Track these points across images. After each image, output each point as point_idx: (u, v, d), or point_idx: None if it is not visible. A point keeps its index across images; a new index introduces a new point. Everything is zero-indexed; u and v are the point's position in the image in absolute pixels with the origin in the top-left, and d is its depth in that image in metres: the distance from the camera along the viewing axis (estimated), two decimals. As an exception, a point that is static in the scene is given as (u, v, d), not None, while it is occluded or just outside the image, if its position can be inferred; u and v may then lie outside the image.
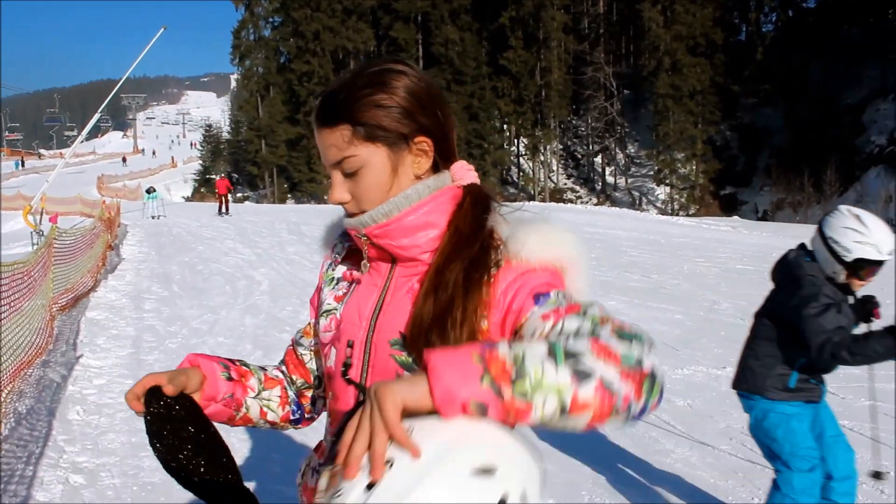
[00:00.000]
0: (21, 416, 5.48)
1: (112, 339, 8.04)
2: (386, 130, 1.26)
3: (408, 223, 1.28)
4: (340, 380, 1.35)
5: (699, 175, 52.70)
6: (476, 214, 1.30)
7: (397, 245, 1.30)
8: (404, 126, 1.27)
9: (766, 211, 45.67)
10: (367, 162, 1.27)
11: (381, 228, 1.29)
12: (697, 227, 24.45)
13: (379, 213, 1.28)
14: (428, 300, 1.24)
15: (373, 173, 1.27)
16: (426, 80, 1.33)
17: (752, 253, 15.60)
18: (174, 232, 20.45)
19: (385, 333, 1.29)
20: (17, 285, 6.67)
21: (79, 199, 33.30)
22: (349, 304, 1.38)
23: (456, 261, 1.25)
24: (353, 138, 1.26)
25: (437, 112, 1.32)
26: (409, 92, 1.28)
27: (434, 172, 1.33)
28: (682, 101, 51.71)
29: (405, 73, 1.29)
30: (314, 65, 61.10)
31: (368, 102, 1.26)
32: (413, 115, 1.28)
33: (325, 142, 1.30)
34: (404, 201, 1.28)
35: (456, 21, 59.10)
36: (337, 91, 1.29)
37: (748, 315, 9.56)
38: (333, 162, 1.29)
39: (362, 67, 1.31)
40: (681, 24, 52.25)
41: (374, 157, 1.27)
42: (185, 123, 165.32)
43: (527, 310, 1.19)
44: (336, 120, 1.27)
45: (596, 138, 59.73)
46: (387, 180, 1.28)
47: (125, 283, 11.84)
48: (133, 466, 4.62)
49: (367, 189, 1.28)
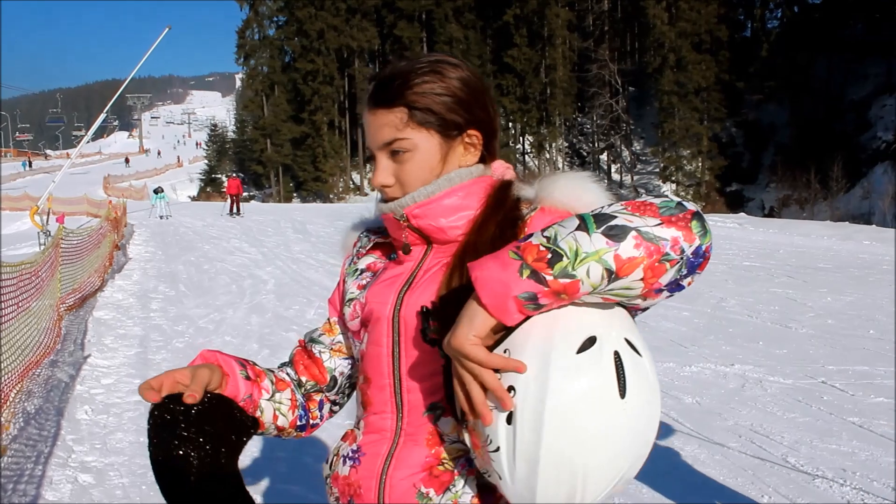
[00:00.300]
0: (30, 415, 5.50)
1: (119, 339, 8.06)
2: (441, 118, 1.28)
3: (447, 204, 1.29)
4: (373, 360, 1.34)
5: (705, 172, 52.54)
6: (504, 191, 1.32)
7: (436, 225, 1.30)
8: (459, 116, 1.29)
9: (772, 207, 45.49)
10: (418, 146, 1.28)
11: (421, 208, 1.29)
12: (703, 224, 24.38)
13: (420, 194, 1.29)
14: (458, 269, 1.24)
15: (422, 158, 1.28)
16: (479, 76, 1.36)
17: (759, 250, 15.54)
18: (180, 231, 20.49)
19: (414, 307, 1.28)
20: (25, 285, 6.69)
21: (85, 199, 33.37)
22: (374, 287, 1.37)
23: (486, 228, 1.26)
24: (408, 121, 1.27)
25: (488, 108, 1.34)
26: (465, 84, 1.30)
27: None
28: (688, 98, 51.54)
29: (461, 66, 1.32)
30: (318, 64, 61.09)
31: (428, 89, 1.27)
32: (468, 106, 1.30)
33: (377, 122, 1.30)
34: (446, 183, 1.30)
35: (460, 19, 59.07)
36: (396, 75, 1.30)
37: (755, 312, 9.62)
38: (384, 142, 1.30)
39: (420, 57, 1.32)
40: (685, 21, 52.06)
41: (425, 143, 1.28)
42: (190, 123, 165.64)
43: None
44: (393, 101, 1.28)
45: (601, 136, 59.60)
46: (435, 166, 1.29)
47: (132, 282, 11.86)
48: (141, 466, 4.62)
49: (413, 173, 1.29)
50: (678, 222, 1.00)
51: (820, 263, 13.58)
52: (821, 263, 13.58)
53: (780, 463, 4.50)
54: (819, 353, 7.08)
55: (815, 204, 41.60)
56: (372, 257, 1.45)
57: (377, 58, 66.59)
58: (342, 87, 64.09)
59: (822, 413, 5.38)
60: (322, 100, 61.42)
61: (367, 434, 1.37)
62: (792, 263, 13.49)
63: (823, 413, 5.38)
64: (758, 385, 6.07)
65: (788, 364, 6.70)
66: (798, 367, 6.61)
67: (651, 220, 1.00)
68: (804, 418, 5.28)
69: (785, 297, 10.11)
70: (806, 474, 4.33)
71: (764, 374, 6.39)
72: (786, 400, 5.70)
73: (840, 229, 21.27)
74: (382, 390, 1.33)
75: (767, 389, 5.95)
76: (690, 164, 53.13)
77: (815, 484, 4.21)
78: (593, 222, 1.00)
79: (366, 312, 1.36)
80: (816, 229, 21.67)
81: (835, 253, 15.23)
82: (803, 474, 4.33)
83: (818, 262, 13.70)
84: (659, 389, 1.09)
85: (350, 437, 1.43)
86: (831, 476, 4.29)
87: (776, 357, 6.97)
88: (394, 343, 1.30)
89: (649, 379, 1.06)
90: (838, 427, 5.09)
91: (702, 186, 52.21)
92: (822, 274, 12.23)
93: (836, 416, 5.29)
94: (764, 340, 7.62)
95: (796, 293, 10.33)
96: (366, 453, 1.35)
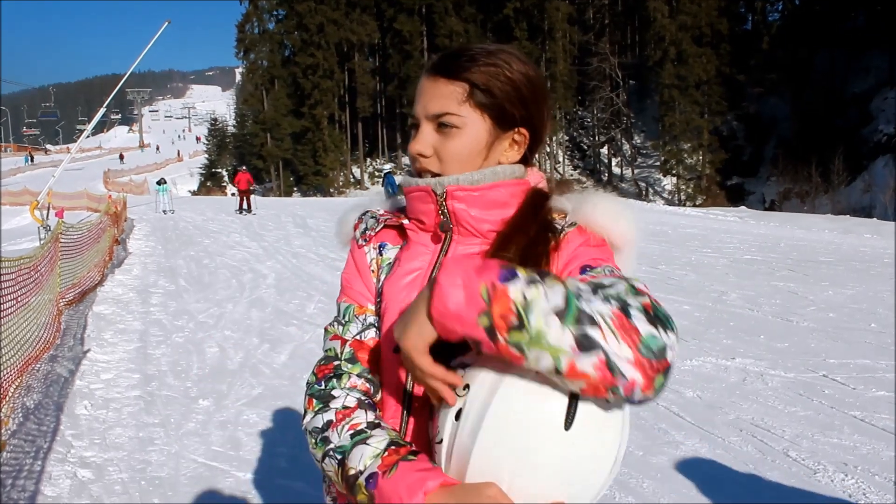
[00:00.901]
0: (29, 410, 5.48)
1: (119, 334, 8.04)
2: (500, 106, 1.26)
3: (491, 196, 1.27)
4: (389, 354, 1.27)
5: (706, 165, 52.51)
6: (538, 201, 1.30)
7: (471, 215, 1.27)
8: (517, 110, 1.28)
9: (773, 201, 45.43)
10: (468, 126, 1.26)
11: (465, 192, 1.26)
12: (704, 217, 24.36)
13: (466, 178, 1.26)
14: None
15: (469, 139, 1.26)
16: (544, 79, 1.35)
17: (760, 243, 15.51)
18: (180, 226, 20.46)
19: None
20: (24, 280, 6.67)
21: (85, 193, 33.34)
22: (393, 281, 1.32)
23: (520, 233, 1.24)
24: (467, 99, 1.25)
25: (544, 112, 1.33)
26: (530, 82, 1.29)
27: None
28: (688, 92, 51.49)
29: (530, 64, 1.31)
30: (319, 58, 61.00)
31: (495, 73, 1.25)
32: (527, 104, 1.29)
33: (434, 91, 1.27)
34: (492, 175, 1.27)
35: (460, 12, 58.95)
36: (466, 51, 1.28)
37: (757, 305, 9.59)
38: (435, 113, 1.27)
39: (491, 44, 1.31)
40: (686, 14, 51.98)
41: (477, 125, 1.26)
42: (190, 118, 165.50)
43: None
44: (458, 74, 1.26)
45: (602, 129, 59.55)
46: (479, 151, 1.27)
47: (132, 277, 11.84)
48: (141, 461, 4.62)
49: (456, 152, 1.26)
50: (648, 369, 0.94)
51: (821, 257, 13.55)
52: (822, 257, 13.55)
53: (782, 457, 4.48)
54: (820, 347, 7.06)
55: (817, 197, 41.54)
56: (392, 247, 1.37)
57: (377, 52, 66.50)
58: (342, 81, 64.00)
59: (824, 407, 5.36)
60: (322, 94, 61.34)
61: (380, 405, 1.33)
62: (793, 257, 13.46)
63: (825, 407, 5.36)
64: (759, 379, 6.05)
65: (790, 358, 6.68)
66: (799, 360, 6.59)
67: (625, 352, 0.93)
68: (805, 412, 5.26)
69: (786, 290, 10.08)
70: (807, 468, 4.31)
71: (765, 367, 6.37)
72: (787, 394, 5.68)
73: (841, 223, 21.25)
74: (393, 395, 1.28)
75: (769, 383, 5.93)
76: (691, 157, 53.09)
77: (816, 478, 4.19)
78: (574, 316, 0.93)
79: (383, 308, 1.32)
80: (818, 223, 21.66)
81: (836, 246, 15.20)
82: (805, 468, 4.32)
83: (819, 256, 13.67)
84: (624, 436, 1.07)
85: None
86: (833, 470, 4.27)
87: (777, 351, 6.95)
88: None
89: (612, 424, 1.04)
90: (840, 421, 5.07)
91: (702, 180, 52.20)
92: (823, 267, 12.21)
93: (837, 410, 5.27)
94: (765, 334, 7.60)
95: (798, 286, 10.31)
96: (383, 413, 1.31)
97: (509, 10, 57.11)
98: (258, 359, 6.98)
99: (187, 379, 6.40)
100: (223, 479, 4.36)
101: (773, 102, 51.87)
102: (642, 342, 0.93)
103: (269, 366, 6.74)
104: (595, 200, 1.28)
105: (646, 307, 0.96)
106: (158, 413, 5.52)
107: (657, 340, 0.94)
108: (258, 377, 6.39)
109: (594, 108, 58.89)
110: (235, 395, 5.93)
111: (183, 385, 6.22)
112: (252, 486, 4.26)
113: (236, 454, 4.72)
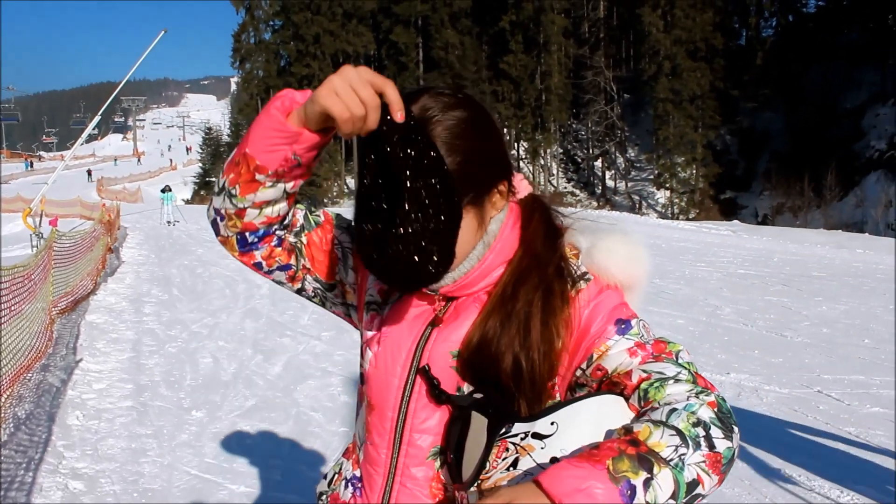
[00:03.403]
0: (20, 420, 5.44)
1: (112, 343, 7.99)
2: (471, 184, 1.15)
3: (484, 268, 1.21)
4: (382, 387, 1.25)
5: (699, 179, 52.67)
6: (546, 231, 1.24)
7: (468, 293, 1.23)
8: (485, 168, 1.19)
9: (765, 215, 45.62)
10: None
11: (457, 284, 1.21)
12: (698, 231, 24.44)
13: (460, 273, 1.20)
14: (502, 321, 1.17)
15: (462, 239, 1.14)
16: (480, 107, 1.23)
17: (754, 257, 15.56)
18: (174, 235, 20.42)
19: (441, 344, 1.21)
20: (18, 289, 6.63)
21: (78, 201, 33.26)
22: (398, 309, 1.27)
23: (530, 286, 1.19)
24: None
25: (501, 140, 1.25)
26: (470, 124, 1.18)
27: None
28: (682, 106, 51.71)
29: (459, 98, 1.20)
30: (314, 68, 61.06)
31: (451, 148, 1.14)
32: (488, 156, 1.19)
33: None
34: (482, 249, 1.21)
35: (456, 25, 59.11)
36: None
37: (751, 320, 9.60)
38: None
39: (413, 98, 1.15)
40: (681, 29, 52.25)
41: (463, 225, 1.13)
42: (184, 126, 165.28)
43: (607, 336, 1.16)
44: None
45: (596, 142, 59.70)
46: (474, 235, 1.19)
47: (125, 286, 11.79)
48: (133, 472, 4.58)
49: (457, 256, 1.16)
50: (720, 474, 1.03)
51: (814, 272, 13.60)
52: (815, 272, 13.60)
53: (777, 473, 4.47)
54: (815, 362, 7.07)
55: (809, 212, 41.75)
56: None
57: (373, 63, 66.61)
58: (337, 91, 64.00)
59: (819, 423, 5.36)
60: (318, 104, 61.34)
61: (365, 464, 1.31)
62: (786, 271, 13.50)
63: (820, 423, 5.36)
64: (754, 394, 6.05)
65: (784, 373, 6.68)
66: (794, 376, 6.60)
67: (715, 480, 1.01)
68: (800, 428, 5.26)
69: (780, 305, 10.11)
70: (802, 486, 4.31)
71: (760, 382, 6.37)
72: (782, 409, 5.68)
73: (834, 237, 21.36)
74: (384, 421, 1.25)
75: (763, 399, 5.93)
76: (685, 171, 53.27)
77: (811, 495, 4.19)
78: (684, 491, 0.99)
79: (383, 333, 1.27)
80: (810, 237, 21.75)
81: (829, 261, 15.26)
82: (800, 484, 4.31)
83: (812, 271, 13.72)
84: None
85: (352, 456, 1.37)
86: (828, 487, 4.26)
87: (772, 366, 6.95)
88: (408, 380, 1.23)
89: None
90: (834, 437, 5.07)
91: (696, 193, 52.35)
92: (816, 282, 12.25)
93: (832, 426, 5.27)
94: (759, 349, 7.61)
95: (791, 301, 10.34)
96: (365, 486, 1.30)
97: (505, 22, 57.31)
98: (252, 370, 6.95)
99: (180, 389, 6.36)
100: (216, 491, 4.32)
101: (766, 117, 52.11)
102: (724, 462, 1.02)
103: (263, 377, 6.71)
104: (610, 246, 1.23)
105: (715, 411, 1.05)
106: (151, 424, 5.48)
107: (731, 451, 1.03)
108: (252, 388, 6.36)
109: (588, 121, 59.05)
110: (229, 406, 5.89)
111: (176, 396, 6.18)
112: (245, 499, 4.23)
113: (230, 466, 4.69)
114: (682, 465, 0.99)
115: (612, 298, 1.20)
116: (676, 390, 1.08)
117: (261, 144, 1.12)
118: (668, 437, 1.00)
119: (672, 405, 1.05)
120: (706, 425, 1.03)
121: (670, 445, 1.00)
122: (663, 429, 1.01)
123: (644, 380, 1.10)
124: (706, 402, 1.06)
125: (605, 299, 1.19)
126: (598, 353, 1.15)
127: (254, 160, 1.13)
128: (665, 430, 1.01)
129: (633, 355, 1.13)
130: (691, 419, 1.03)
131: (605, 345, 1.15)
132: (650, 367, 1.11)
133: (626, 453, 0.97)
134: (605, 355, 1.14)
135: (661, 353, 1.14)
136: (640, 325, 1.18)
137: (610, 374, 1.14)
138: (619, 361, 1.13)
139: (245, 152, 1.14)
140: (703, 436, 1.02)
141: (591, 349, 1.16)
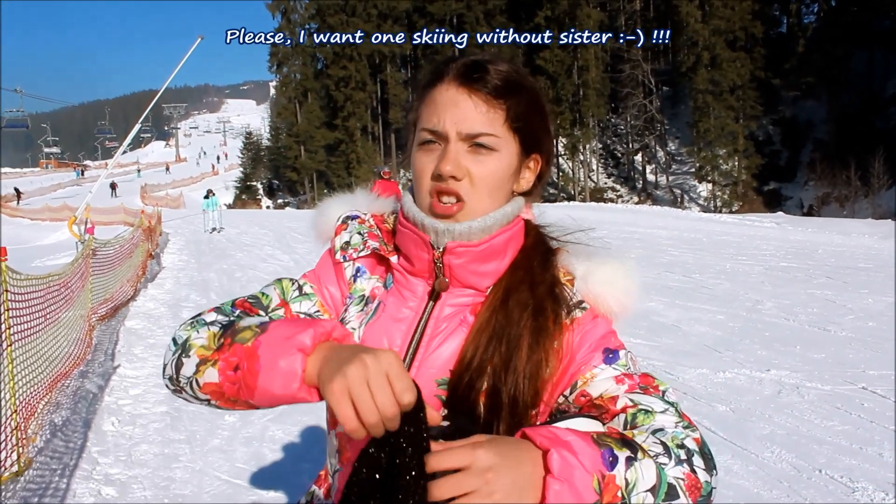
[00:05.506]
0: (56, 427, 5.51)
1: (149, 349, 8.08)
2: (531, 131, 1.20)
3: (491, 246, 1.18)
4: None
5: (741, 171, 51.85)
6: (543, 252, 1.22)
7: (468, 270, 1.18)
8: (543, 136, 1.23)
9: (811, 206, 44.72)
10: (502, 150, 1.16)
11: (465, 248, 1.16)
12: (740, 224, 23.98)
13: (477, 228, 1.16)
14: (487, 343, 1.13)
15: (504, 164, 1.17)
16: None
17: (797, 250, 15.20)
18: (214, 239, 20.68)
19: (426, 366, 1.16)
20: (54, 297, 6.73)
21: (122, 208, 33.87)
22: (373, 328, 1.21)
23: (523, 306, 1.15)
24: (506, 120, 1.16)
25: (551, 137, 1.27)
26: (545, 103, 1.25)
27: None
28: (722, 97, 50.93)
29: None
30: (351, 70, 61.51)
31: (531, 95, 1.20)
32: (548, 131, 1.24)
33: (470, 107, 1.15)
34: (502, 218, 1.18)
35: (491, 22, 59.01)
36: (494, 66, 1.18)
37: (793, 314, 9.36)
38: (472, 132, 1.14)
39: (502, 57, 1.23)
40: (719, 19, 51.46)
41: (510, 149, 1.18)
42: (225, 132, 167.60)
43: (593, 364, 1.13)
44: (504, 95, 1.16)
45: (635, 136, 59.13)
46: (509, 178, 1.19)
47: (164, 291, 11.94)
48: (165, 478, 4.61)
49: (490, 177, 1.15)
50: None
51: (860, 263, 13.24)
52: (861, 263, 13.24)
53: (818, 474, 4.33)
54: (859, 358, 6.86)
55: (856, 201, 40.78)
56: (369, 277, 1.27)
57: (409, 63, 66.79)
58: (374, 92, 64.41)
59: (863, 421, 5.19)
60: (355, 105, 61.79)
61: (338, 493, 1.26)
62: (831, 263, 13.16)
63: (864, 421, 5.19)
64: (795, 391, 5.88)
65: (827, 369, 6.49)
66: (837, 372, 6.41)
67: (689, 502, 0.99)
68: (843, 426, 5.10)
69: (823, 298, 9.84)
70: (845, 486, 4.16)
71: (801, 379, 6.19)
72: (824, 407, 5.51)
73: (881, 227, 20.77)
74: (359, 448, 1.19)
75: (805, 396, 5.76)
76: (726, 163, 52.44)
77: (854, 497, 4.04)
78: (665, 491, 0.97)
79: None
80: (857, 227, 21.20)
81: (876, 252, 14.84)
82: (843, 486, 4.17)
83: (858, 262, 13.35)
84: None
85: (324, 484, 1.33)
86: (872, 489, 4.11)
87: (814, 362, 6.76)
88: None
89: None
90: (880, 436, 4.90)
91: (738, 186, 51.55)
92: (862, 274, 11.91)
93: (877, 425, 5.10)
94: (801, 344, 7.41)
95: (835, 294, 10.06)
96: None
97: (540, 18, 57.05)
98: (285, 373, 6.95)
99: (214, 394, 6.38)
100: (246, 496, 4.33)
101: (809, 105, 51.10)
102: (702, 494, 1.01)
103: (296, 380, 6.71)
104: (609, 278, 1.19)
105: (699, 446, 1.04)
106: (184, 429, 5.52)
107: (710, 486, 1.02)
108: (285, 392, 6.35)
109: (627, 115, 58.50)
110: (261, 410, 5.90)
111: (210, 400, 6.20)
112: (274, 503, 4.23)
113: (260, 471, 4.69)
114: (664, 468, 0.98)
115: (601, 327, 1.18)
116: (665, 419, 1.06)
117: (265, 399, 1.02)
118: (651, 444, 0.99)
119: (659, 428, 1.04)
120: (689, 451, 1.02)
121: (653, 451, 0.98)
122: (648, 436, 1.00)
123: (630, 408, 1.07)
124: (692, 436, 1.05)
125: (595, 327, 1.17)
126: (582, 380, 1.12)
127: (251, 405, 1.05)
128: (650, 437, 1.00)
129: (620, 383, 1.11)
130: (676, 441, 1.02)
131: (591, 372, 1.12)
132: (637, 397, 1.08)
133: (611, 435, 0.97)
134: (589, 382, 1.12)
135: (649, 387, 1.11)
136: (628, 356, 1.16)
137: (594, 398, 1.11)
138: (605, 388, 1.11)
139: (248, 401, 1.04)
140: (685, 458, 1.01)
141: (576, 376, 1.13)
